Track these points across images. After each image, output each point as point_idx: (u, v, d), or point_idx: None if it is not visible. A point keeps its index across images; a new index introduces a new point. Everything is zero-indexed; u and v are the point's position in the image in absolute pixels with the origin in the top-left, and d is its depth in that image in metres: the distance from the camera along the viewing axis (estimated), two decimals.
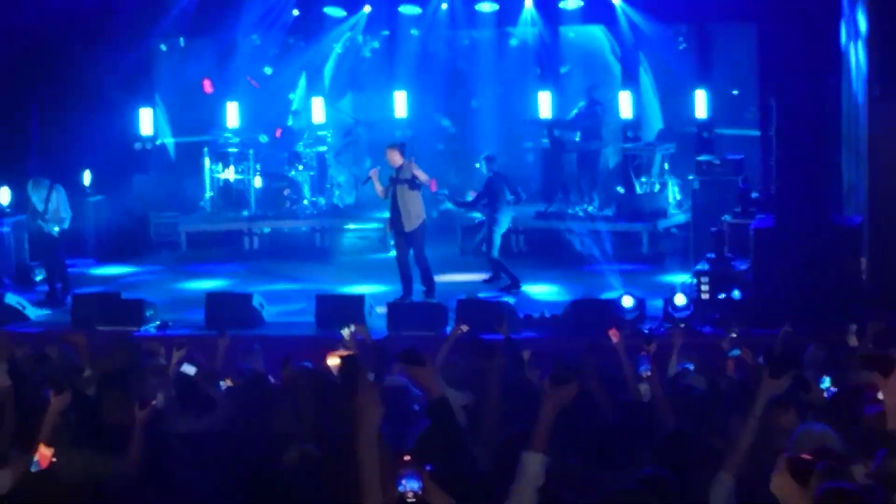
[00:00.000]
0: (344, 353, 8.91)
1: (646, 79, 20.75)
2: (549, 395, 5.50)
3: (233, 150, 19.98)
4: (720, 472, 5.78)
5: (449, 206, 18.72)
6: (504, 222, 16.01)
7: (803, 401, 7.46)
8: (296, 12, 21.06)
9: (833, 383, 8.01)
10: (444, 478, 4.99)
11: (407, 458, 4.66)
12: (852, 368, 8.33)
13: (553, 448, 5.39)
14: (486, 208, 16.13)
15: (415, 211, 14.80)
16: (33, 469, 6.04)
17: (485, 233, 16.32)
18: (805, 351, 9.70)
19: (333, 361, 8.74)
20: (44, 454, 6.07)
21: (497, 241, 15.89)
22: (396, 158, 14.87)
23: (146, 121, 20.30)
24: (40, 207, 15.73)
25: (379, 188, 15.09)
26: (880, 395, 6.11)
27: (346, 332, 10.07)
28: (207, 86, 21.39)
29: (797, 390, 7.68)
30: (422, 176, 14.85)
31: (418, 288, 15.07)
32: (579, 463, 5.88)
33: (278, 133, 20.01)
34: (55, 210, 15.77)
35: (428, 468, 4.79)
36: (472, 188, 18.16)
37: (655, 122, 20.67)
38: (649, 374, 7.92)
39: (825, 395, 7.80)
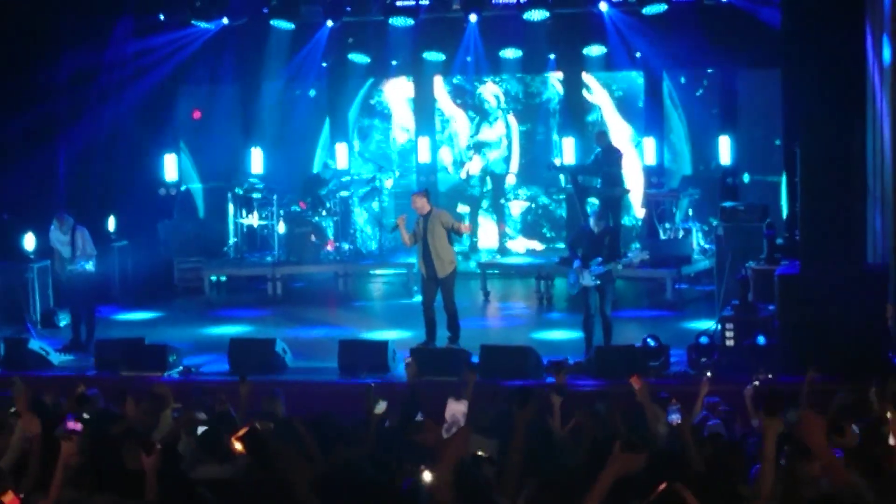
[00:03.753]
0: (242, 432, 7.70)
1: (679, 125, 20.78)
2: (616, 459, 5.33)
3: (257, 195, 20.06)
4: None
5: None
6: None
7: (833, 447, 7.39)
8: (324, 64, 21.19)
9: (861, 431, 7.93)
10: None
11: None
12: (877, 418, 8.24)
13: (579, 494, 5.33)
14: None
15: (448, 258, 14.69)
16: None
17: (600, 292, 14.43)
18: (833, 398, 9.61)
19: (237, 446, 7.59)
20: (11, 502, 6.01)
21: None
22: (423, 205, 14.73)
23: (170, 167, 20.44)
24: (66, 253, 15.69)
25: (406, 236, 14.79)
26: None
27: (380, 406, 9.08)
28: (196, 114, 21.51)
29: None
30: (463, 228, 14.73)
31: (442, 333, 14.99)
32: None
33: (302, 205, 19.90)
34: (82, 248, 15.68)
35: None
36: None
37: (686, 168, 20.69)
38: (679, 422, 7.88)
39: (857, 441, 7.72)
